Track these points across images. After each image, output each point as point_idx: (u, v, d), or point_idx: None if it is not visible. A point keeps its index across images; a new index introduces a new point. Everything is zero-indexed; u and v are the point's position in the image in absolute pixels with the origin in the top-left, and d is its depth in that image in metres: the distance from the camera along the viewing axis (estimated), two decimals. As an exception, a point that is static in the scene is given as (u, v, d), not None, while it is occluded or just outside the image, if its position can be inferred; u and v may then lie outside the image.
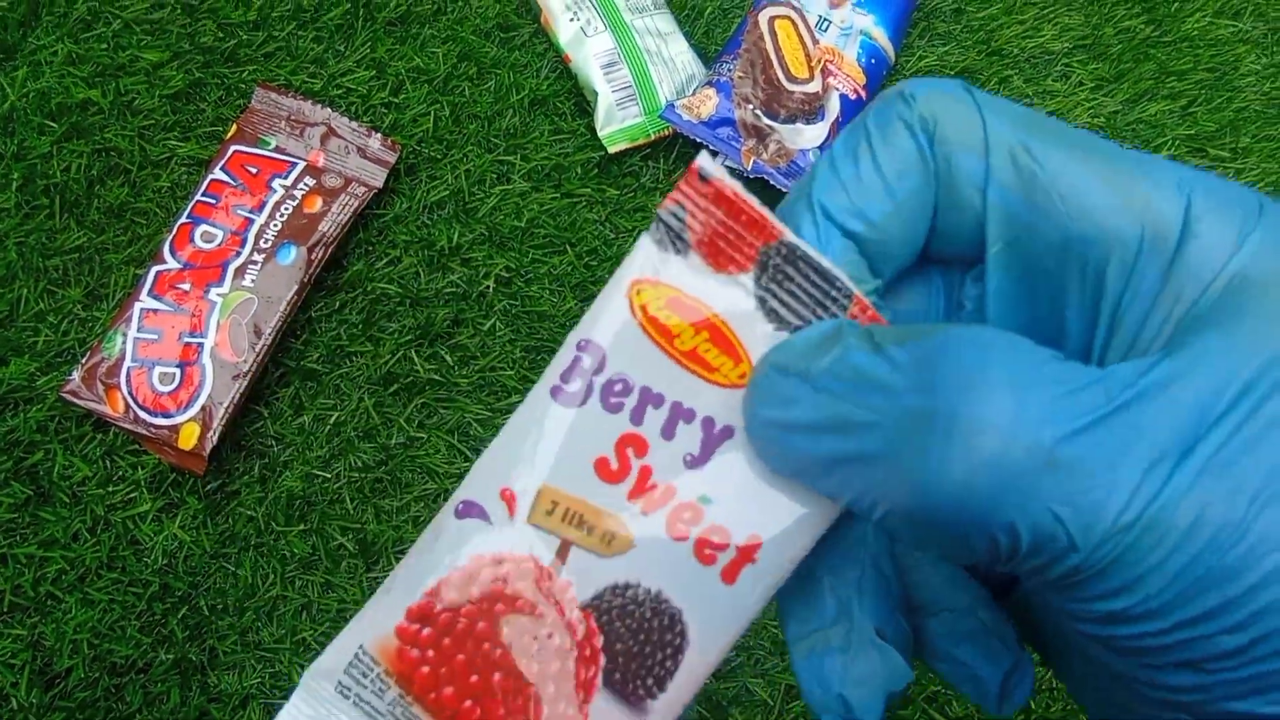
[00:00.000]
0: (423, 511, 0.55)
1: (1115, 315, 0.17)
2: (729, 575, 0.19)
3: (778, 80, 0.63)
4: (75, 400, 0.52)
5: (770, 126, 0.62)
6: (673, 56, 0.65)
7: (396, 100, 0.63)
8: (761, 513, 0.18)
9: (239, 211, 0.56)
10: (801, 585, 0.19)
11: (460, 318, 0.59)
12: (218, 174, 0.57)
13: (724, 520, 0.18)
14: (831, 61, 0.65)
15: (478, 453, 0.56)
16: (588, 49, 0.63)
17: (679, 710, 0.19)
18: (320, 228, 0.57)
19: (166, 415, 0.52)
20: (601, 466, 0.18)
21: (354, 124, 0.60)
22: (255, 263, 0.55)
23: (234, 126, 0.59)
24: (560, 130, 0.65)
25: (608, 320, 0.18)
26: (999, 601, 0.21)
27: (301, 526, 0.54)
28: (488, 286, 0.60)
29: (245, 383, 0.53)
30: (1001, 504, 0.14)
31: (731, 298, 0.18)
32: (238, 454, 0.55)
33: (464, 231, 0.61)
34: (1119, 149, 0.17)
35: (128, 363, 0.52)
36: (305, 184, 0.58)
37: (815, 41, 0.66)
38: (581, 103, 0.65)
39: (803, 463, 0.17)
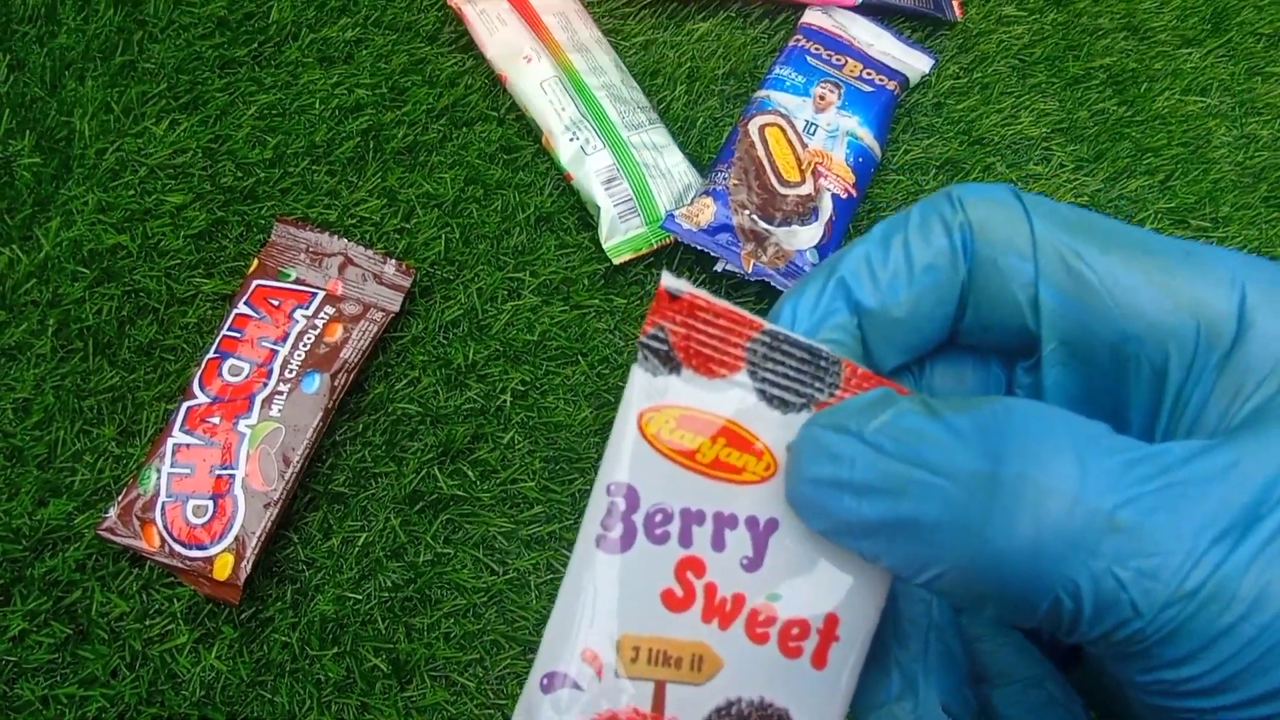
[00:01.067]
0: (453, 628, 0.56)
1: (1175, 408, 0.17)
2: (819, 660, 0.19)
3: (771, 185, 0.66)
4: (112, 538, 0.54)
5: (767, 230, 0.65)
6: (670, 168, 0.68)
7: (408, 226, 0.66)
8: (829, 590, 0.19)
9: (264, 344, 0.58)
10: (867, 661, 0.20)
11: (480, 433, 0.61)
12: (242, 308, 0.60)
13: (797, 610, 0.19)
14: (821, 163, 0.68)
15: (504, 565, 0.58)
16: (588, 166, 0.66)
17: None
18: (342, 355, 0.59)
19: (201, 547, 0.53)
20: (668, 598, 0.19)
21: (369, 252, 0.63)
22: (281, 393, 0.57)
23: (255, 261, 0.62)
24: (566, 245, 0.67)
25: (627, 457, 0.19)
26: (1065, 675, 0.21)
27: (335, 649, 0.55)
28: (505, 401, 0.62)
29: (276, 510, 0.55)
30: (1067, 564, 0.15)
31: (734, 399, 0.19)
32: (270, 580, 0.56)
33: (479, 349, 0.63)
34: (1169, 242, 0.18)
35: (162, 498, 0.54)
36: (326, 313, 0.60)
37: (804, 145, 0.69)
38: (585, 217, 0.68)
39: (848, 523, 0.17)
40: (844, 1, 0.77)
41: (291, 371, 0.58)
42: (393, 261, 0.63)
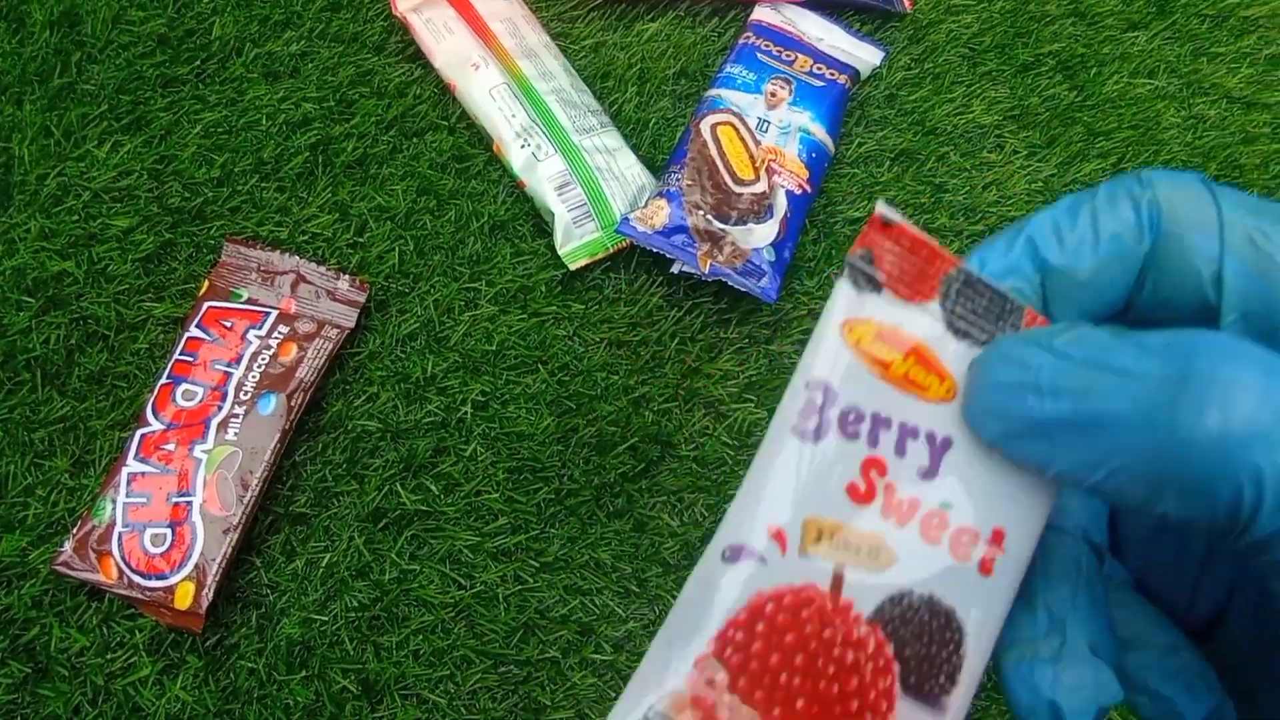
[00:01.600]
0: (422, 645, 0.56)
1: None
2: (985, 568, 0.20)
3: (725, 184, 0.66)
4: (69, 572, 0.53)
5: (723, 230, 0.65)
6: (623, 171, 0.68)
7: (361, 240, 0.66)
8: (997, 506, 0.20)
9: (217, 366, 0.58)
10: (1015, 598, 0.21)
11: (441, 446, 0.61)
12: (194, 331, 0.59)
13: (968, 520, 0.20)
14: (775, 160, 0.68)
15: (471, 579, 0.57)
16: (540, 173, 0.66)
17: (969, 701, 0.20)
18: (298, 374, 0.58)
19: (161, 577, 0.52)
20: (853, 491, 0.20)
21: (322, 268, 0.62)
22: (237, 416, 0.56)
23: (206, 283, 0.61)
24: (522, 252, 0.67)
25: (828, 359, 0.20)
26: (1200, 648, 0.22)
27: (303, 673, 0.55)
28: (465, 413, 0.62)
29: (236, 535, 0.54)
30: (1253, 452, 0.16)
31: (925, 323, 0.20)
32: (234, 606, 0.56)
33: (437, 361, 0.63)
34: None
35: (119, 528, 0.53)
36: (280, 332, 0.60)
37: (757, 143, 0.69)
38: (540, 224, 0.68)
39: (1028, 422, 0.18)
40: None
41: (247, 394, 0.57)
42: (346, 277, 0.62)
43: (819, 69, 0.73)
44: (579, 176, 0.66)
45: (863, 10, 0.80)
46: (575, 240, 0.66)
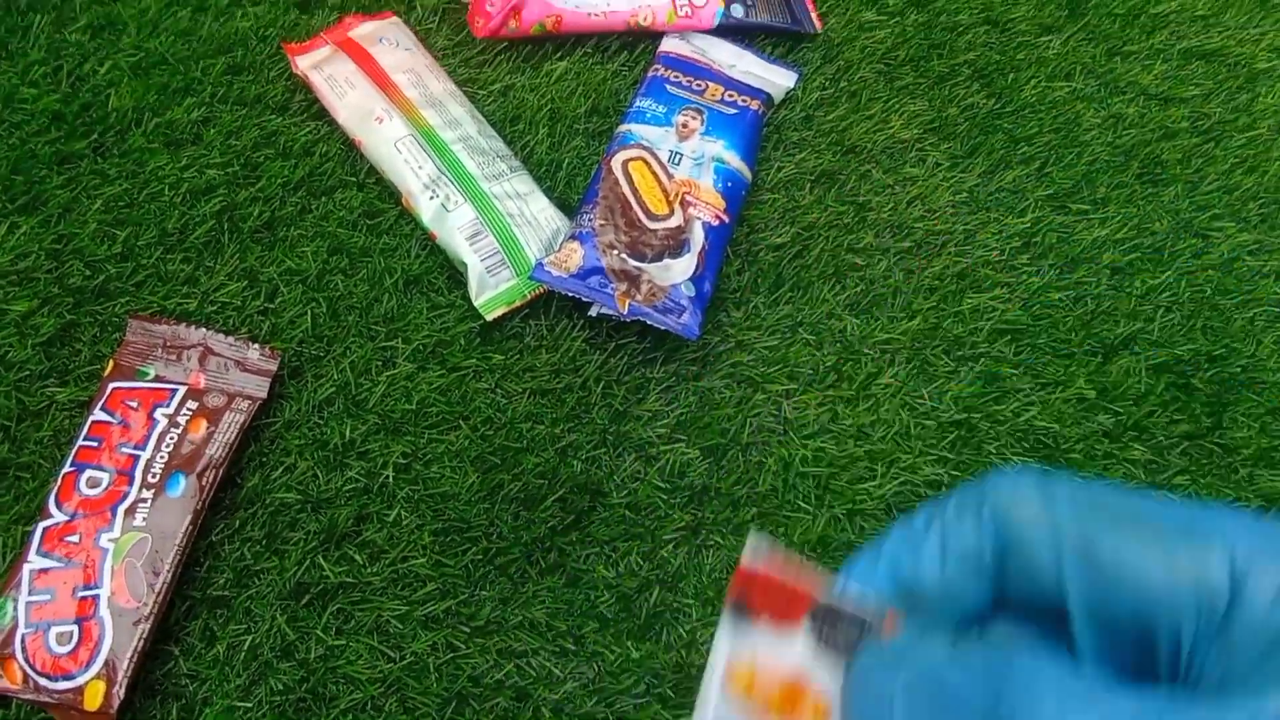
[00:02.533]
0: (351, 723, 0.54)
1: (1188, 665, 0.20)
2: None
3: (639, 221, 0.65)
4: (-27, 679, 0.50)
5: (639, 268, 0.64)
6: (535, 215, 0.67)
7: (272, 305, 0.64)
8: None
9: (123, 450, 0.56)
10: None
11: (364, 513, 0.59)
12: (98, 415, 0.57)
13: None
14: (689, 192, 0.67)
15: (400, 650, 0.55)
16: (450, 223, 0.65)
17: None
18: (208, 452, 0.57)
19: (68, 677, 0.50)
20: None
21: (230, 339, 0.60)
22: (145, 500, 0.54)
23: (111, 363, 0.59)
24: (438, 306, 0.66)
25: (712, 704, 0.24)
26: None
27: (227, 764, 0.52)
28: (388, 476, 0.60)
29: (149, 626, 0.52)
30: None
31: (797, 650, 0.24)
32: (152, 700, 0.53)
33: (356, 425, 0.61)
34: (1174, 515, 0.21)
35: (21, 630, 0.51)
36: (188, 409, 0.58)
37: (670, 176, 0.68)
38: (455, 275, 0.66)
39: None
40: (700, 25, 0.77)
41: (155, 476, 0.55)
42: (256, 346, 0.61)
43: (730, 96, 0.73)
44: (490, 224, 0.65)
45: (773, 34, 0.80)
46: (490, 290, 0.64)
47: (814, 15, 0.80)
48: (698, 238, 0.65)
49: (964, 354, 0.70)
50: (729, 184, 0.69)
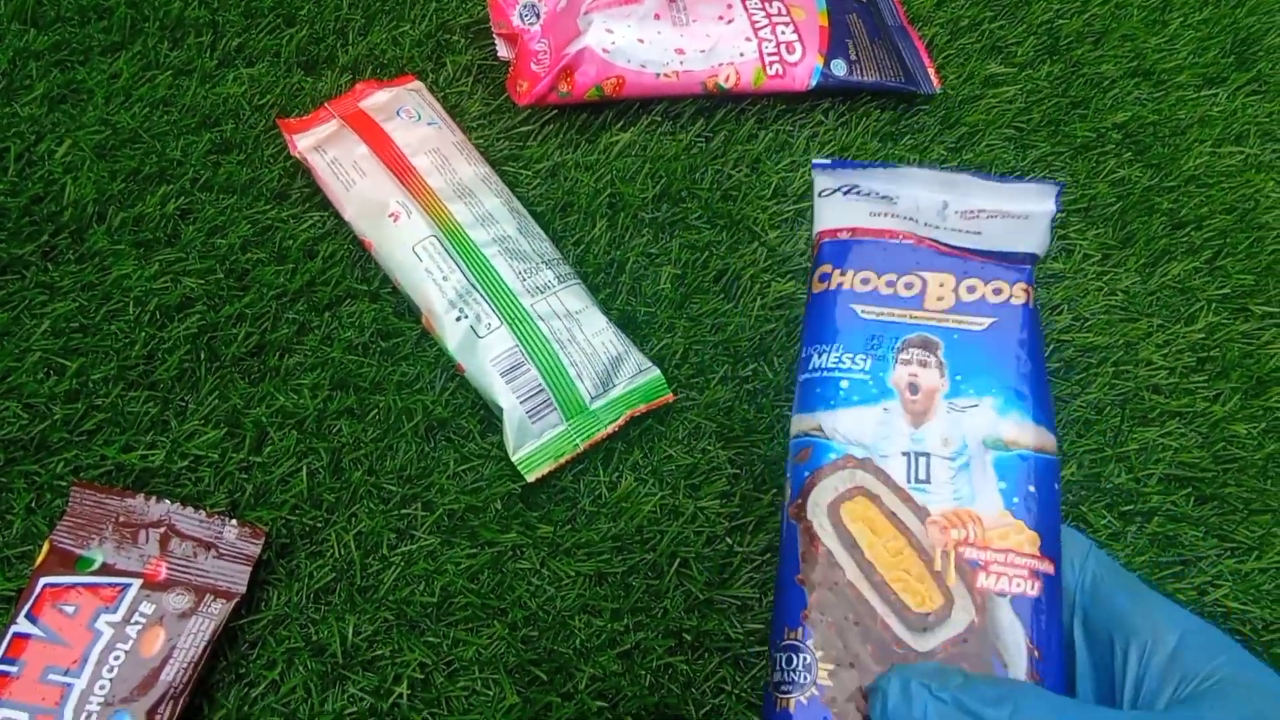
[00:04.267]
0: None
1: (1142, 685, 0.31)
2: None
3: (894, 637, 0.34)
4: None
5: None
6: (590, 338, 0.52)
7: (259, 459, 0.50)
8: None
9: (51, 678, 0.42)
10: None
11: (369, 748, 0.45)
12: (21, 626, 0.43)
13: None
14: (967, 540, 0.35)
15: None
16: (482, 354, 0.51)
17: None
18: (164, 677, 0.43)
19: None
20: None
21: (201, 515, 0.47)
22: (76, 754, 0.41)
23: (46, 546, 0.46)
24: (468, 458, 0.52)
25: None
26: None
27: None
28: (400, 695, 0.46)
29: None
30: None
31: None
32: None
33: (362, 622, 0.47)
34: (1159, 597, 0.34)
35: None
36: (142, 614, 0.44)
37: (922, 514, 0.35)
38: (490, 416, 0.53)
39: None
40: (794, 86, 0.62)
41: (90, 716, 0.42)
42: (234, 523, 0.47)
43: (972, 286, 0.38)
44: (533, 354, 0.51)
45: (881, 95, 0.65)
46: (533, 440, 0.50)
47: (931, 71, 0.65)
48: (1011, 636, 0.33)
49: (1133, 510, 0.55)
50: (1031, 486, 0.35)
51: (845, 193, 0.40)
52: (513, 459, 0.50)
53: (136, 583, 0.45)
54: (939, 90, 0.65)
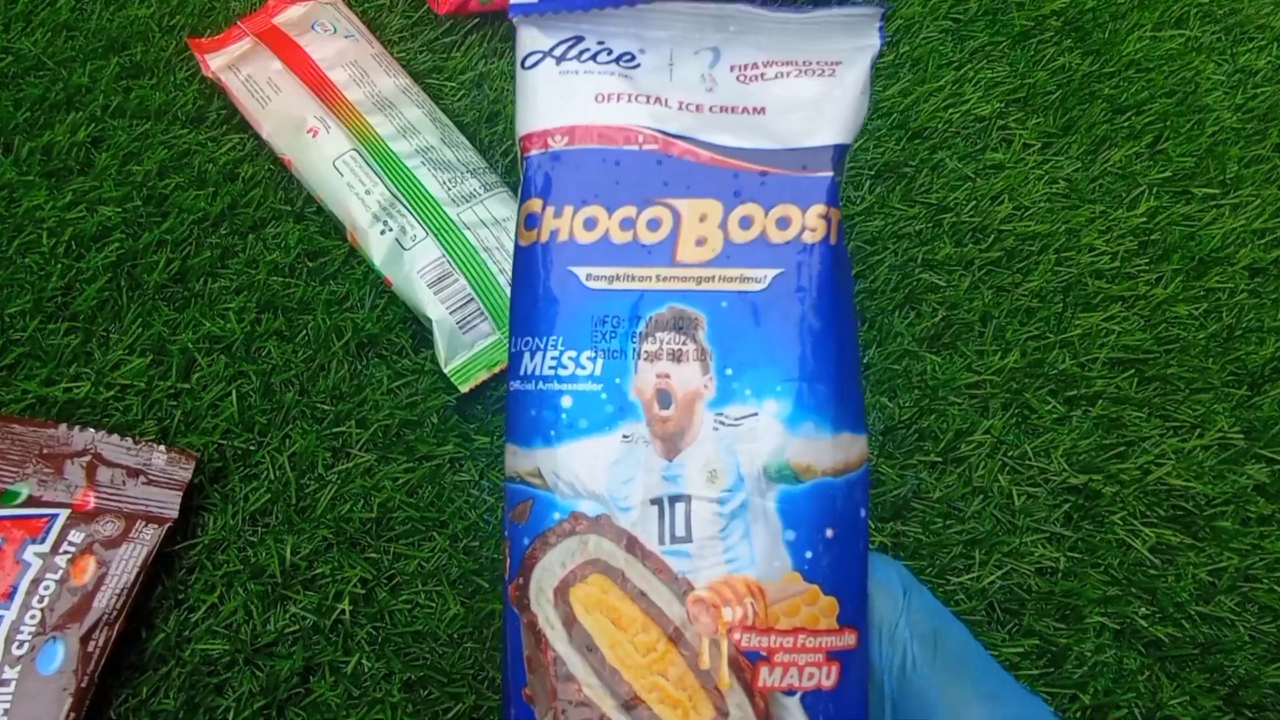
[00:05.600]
0: None
1: None
2: None
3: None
4: None
5: None
6: (523, 248, 0.51)
7: (187, 385, 0.49)
8: None
9: (-19, 609, 0.42)
10: None
11: (314, 663, 0.45)
12: (-51, 560, 0.43)
13: None
14: (744, 623, 0.25)
15: None
16: (408, 265, 0.50)
17: None
18: (97, 604, 0.42)
19: None
20: None
21: (128, 442, 0.46)
22: (7, 682, 0.40)
23: (-30, 482, 0.45)
24: (401, 373, 0.51)
25: None
26: None
27: None
28: (343, 611, 0.46)
29: None
30: None
31: None
32: None
33: (300, 542, 0.47)
34: (977, 686, 0.28)
35: None
36: (71, 543, 0.44)
37: (681, 588, 0.25)
38: (421, 330, 0.52)
39: None
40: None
41: (23, 645, 0.41)
42: (162, 449, 0.46)
43: (747, 217, 0.27)
44: (460, 263, 0.50)
45: (813, -11, 0.63)
46: (465, 351, 0.49)
47: (863, -38, 0.63)
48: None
49: (1076, 394, 0.55)
50: (830, 530, 0.26)
51: (561, 58, 0.27)
52: (445, 370, 0.49)
53: (64, 513, 0.44)
54: (872, -18, 0.64)
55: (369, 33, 0.57)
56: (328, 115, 0.52)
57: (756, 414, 0.25)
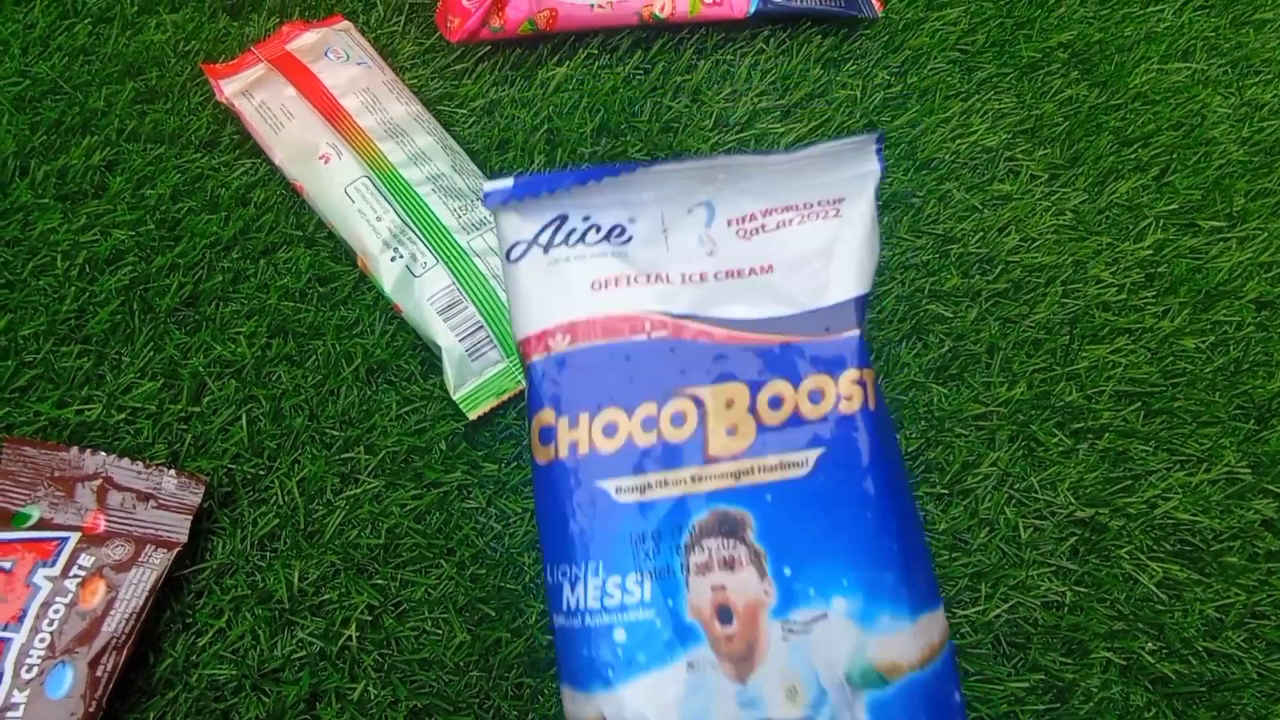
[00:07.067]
0: None
1: None
2: None
3: None
4: None
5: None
6: (532, 275, 0.52)
7: (198, 409, 0.50)
8: None
9: (-9, 633, 0.42)
10: None
11: (320, 689, 0.45)
12: (-41, 583, 0.43)
13: None
14: None
15: None
16: (418, 292, 0.50)
17: None
18: (106, 628, 0.43)
19: None
20: None
21: (138, 465, 0.46)
22: (16, 705, 0.41)
23: (-19, 504, 0.45)
24: (410, 399, 0.51)
25: None
26: None
27: None
28: (349, 637, 0.46)
29: None
30: None
31: None
32: None
33: (308, 567, 0.47)
34: None
35: None
36: (81, 567, 0.44)
37: None
38: (430, 356, 0.52)
39: None
40: (732, 14, 0.61)
41: (31, 669, 0.41)
42: (173, 472, 0.46)
43: (776, 397, 0.28)
44: (470, 291, 0.50)
45: (822, 20, 0.64)
46: (474, 378, 0.50)
47: (872, -6, 0.63)
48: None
49: (1083, 427, 0.55)
50: None
51: (548, 245, 0.24)
52: (454, 397, 0.49)
53: (74, 536, 0.45)
54: (881, 14, 0.64)
55: (381, 60, 0.58)
56: (340, 142, 0.52)
57: (826, 615, 0.22)
